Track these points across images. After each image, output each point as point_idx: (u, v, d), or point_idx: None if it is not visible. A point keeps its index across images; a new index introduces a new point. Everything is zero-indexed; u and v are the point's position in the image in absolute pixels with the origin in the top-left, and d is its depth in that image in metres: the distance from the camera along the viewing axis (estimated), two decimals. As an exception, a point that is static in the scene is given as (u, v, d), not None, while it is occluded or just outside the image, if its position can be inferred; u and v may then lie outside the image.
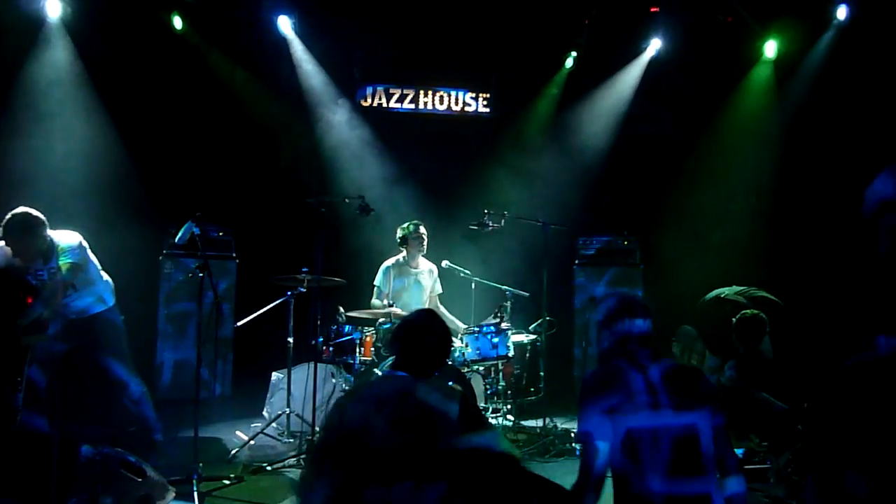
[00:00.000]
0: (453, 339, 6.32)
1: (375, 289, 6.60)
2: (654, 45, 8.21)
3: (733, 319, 5.21)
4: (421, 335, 2.95)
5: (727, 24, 7.86)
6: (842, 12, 7.45)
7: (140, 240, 7.07)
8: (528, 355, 6.69)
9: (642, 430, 2.64)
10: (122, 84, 7.31)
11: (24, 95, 6.88)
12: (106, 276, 5.28)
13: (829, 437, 2.94)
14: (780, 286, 6.41)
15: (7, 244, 4.68)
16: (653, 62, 8.32)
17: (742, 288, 6.21)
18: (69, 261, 4.83)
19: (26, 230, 4.70)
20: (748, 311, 5.23)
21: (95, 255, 5.18)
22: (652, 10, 8.01)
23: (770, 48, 8.01)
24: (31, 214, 4.74)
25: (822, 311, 6.29)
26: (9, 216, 4.69)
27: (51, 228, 4.88)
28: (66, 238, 4.91)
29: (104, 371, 5.12)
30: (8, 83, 6.83)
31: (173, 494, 4.07)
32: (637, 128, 8.40)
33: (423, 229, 6.60)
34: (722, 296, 6.14)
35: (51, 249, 4.87)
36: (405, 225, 6.62)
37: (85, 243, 5.00)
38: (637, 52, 8.35)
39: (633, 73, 8.42)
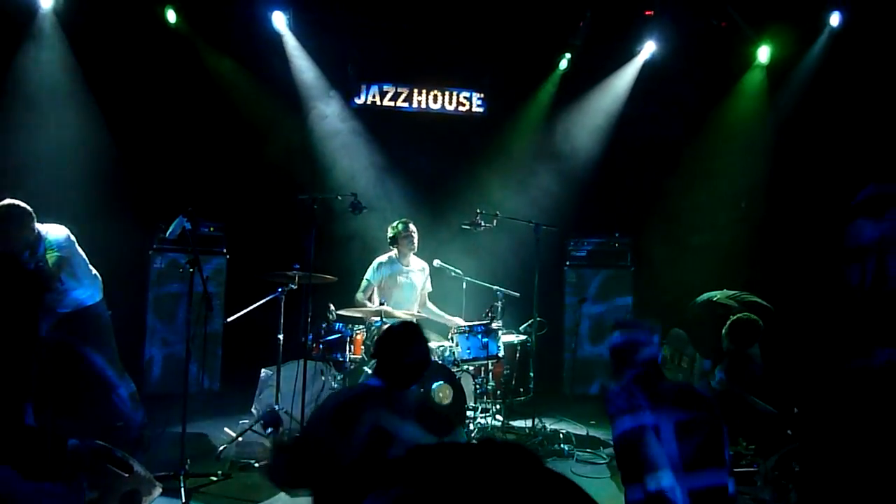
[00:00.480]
0: (444, 338, 6.36)
1: (364, 282, 6.57)
2: (649, 48, 8.21)
3: (727, 321, 5.20)
4: (399, 353, 3.05)
5: (721, 29, 7.88)
6: (835, 19, 7.47)
7: (130, 234, 7.03)
8: (518, 355, 6.68)
9: (628, 432, 2.74)
10: (113, 77, 7.25)
11: (14, 87, 6.82)
12: (94, 271, 5.25)
13: (821, 441, 2.97)
14: (771, 290, 6.42)
15: (-6, 235, 4.65)
16: (647, 65, 8.33)
17: (734, 292, 6.21)
18: (56, 253, 4.81)
19: (13, 221, 4.69)
20: (743, 314, 5.22)
21: (84, 249, 5.15)
22: (646, 13, 8.03)
23: (763, 53, 8.04)
24: (18, 206, 4.73)
25: (812, 316, 6.30)
26: (-4, 207, 4.67)
27: (39, 222, 4.86)
28: (53, 231, 4.90)
29: (91, 365, 5.09)
30: (-1, 75, 6.79)
31: (160, 490, 4.04)
32: (630, 130, 8.41)
33: (412, 227, 6.58)
34: (713, 299, 6.14)
35: (38, 242, 4.84)
36: (395, 223, 6.61)
37: (72, 237, 4.98)
38: (631, 54, 8.36)
39: (626, 76, 8.43)
